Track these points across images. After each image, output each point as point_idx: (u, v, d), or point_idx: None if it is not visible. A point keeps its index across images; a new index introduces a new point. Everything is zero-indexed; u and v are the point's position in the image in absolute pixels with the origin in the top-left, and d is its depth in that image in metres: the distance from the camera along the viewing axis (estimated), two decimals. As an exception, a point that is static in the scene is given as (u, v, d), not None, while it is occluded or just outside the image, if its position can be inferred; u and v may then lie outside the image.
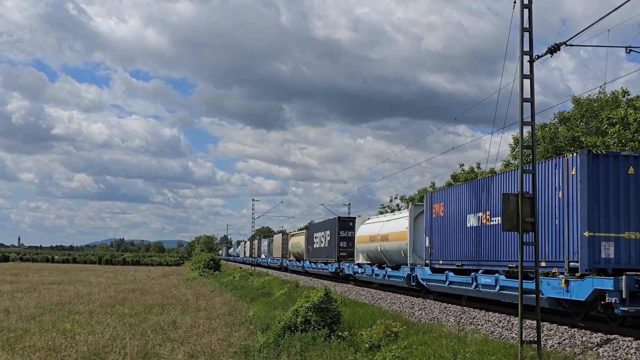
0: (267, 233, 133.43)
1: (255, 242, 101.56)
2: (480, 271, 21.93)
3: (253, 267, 73.24)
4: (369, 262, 36.64)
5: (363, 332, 17.70)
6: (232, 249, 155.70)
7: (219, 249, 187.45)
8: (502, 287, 20.17)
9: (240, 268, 73.81)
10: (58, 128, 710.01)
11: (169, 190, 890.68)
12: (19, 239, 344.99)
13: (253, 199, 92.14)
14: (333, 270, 44.47)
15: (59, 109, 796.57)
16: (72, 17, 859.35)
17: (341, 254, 43.47)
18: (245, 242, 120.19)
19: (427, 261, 26.91)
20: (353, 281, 40.79)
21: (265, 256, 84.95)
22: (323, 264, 48.62)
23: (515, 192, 13.69)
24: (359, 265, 38.00)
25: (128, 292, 39.34)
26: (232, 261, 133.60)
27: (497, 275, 20.57)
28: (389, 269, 32.18)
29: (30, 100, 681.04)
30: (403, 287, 31.46)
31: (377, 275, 34.15)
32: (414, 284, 28.46)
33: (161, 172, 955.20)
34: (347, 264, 41.63)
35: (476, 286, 21.82)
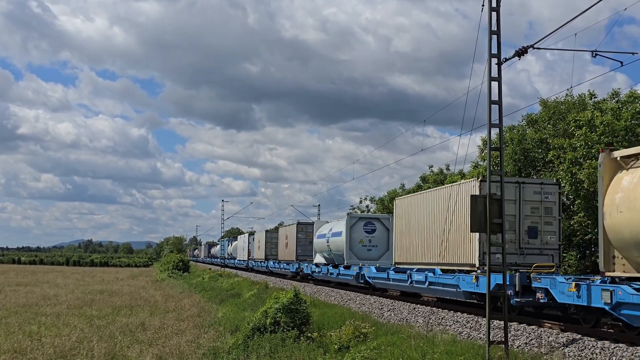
0: (237, 233, 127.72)
1: (289, 230, 51.03)
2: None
3: (223, 268, 72.20)
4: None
5: (332, 333, 17.72)
6: (217, 248, 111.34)
7: (195, 249, 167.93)
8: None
9: (210, 269, 73.39)
10: (24, 127, 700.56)
11: (137, 191, 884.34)
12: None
13: (223, 200, 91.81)
14: None
15: (24, 108, 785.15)
16: (36, 15, 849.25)
17: None
18: (251, 235, 72.25)
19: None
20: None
21: (327, 258, 40.35)
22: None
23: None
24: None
25: (96, 294, 38.99)
26: (219, 266, 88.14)
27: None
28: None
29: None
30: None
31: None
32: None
33: (129, 172, 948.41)
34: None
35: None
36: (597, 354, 13.20)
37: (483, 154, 40.11)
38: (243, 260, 74.83)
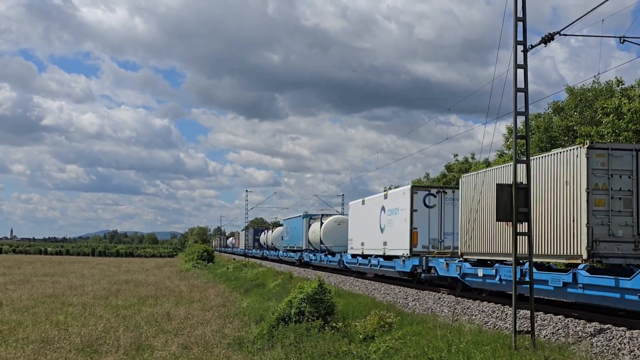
0: (261, 223, 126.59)
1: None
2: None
3: (247, 259, 72.00)
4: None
5: (357, 323, 17.68)
6: (274, 235, 75.03)
7: (227, 237, 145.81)
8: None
9: (234, 259, 73.66)
10: (48, 119, 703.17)
11: (161, 182, 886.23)
12: (11, 230, 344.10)
13: (247, 190, 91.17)
14: None
15: (48, 100, 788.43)
16: (57, 7, 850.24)
17: None
18: (388, 198, 30.78)
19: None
20: None
21: None
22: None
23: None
24: None
25: (121, 284, 39.27)
26: (296, 265, 54.96)
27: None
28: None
29: (18, 91, 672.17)
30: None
31: None
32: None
33: (153, 163, 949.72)
34: None
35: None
36: (625, 344, 13.03)
37: (508, 143, 39.85)
38: (377, 257, 32.16)
